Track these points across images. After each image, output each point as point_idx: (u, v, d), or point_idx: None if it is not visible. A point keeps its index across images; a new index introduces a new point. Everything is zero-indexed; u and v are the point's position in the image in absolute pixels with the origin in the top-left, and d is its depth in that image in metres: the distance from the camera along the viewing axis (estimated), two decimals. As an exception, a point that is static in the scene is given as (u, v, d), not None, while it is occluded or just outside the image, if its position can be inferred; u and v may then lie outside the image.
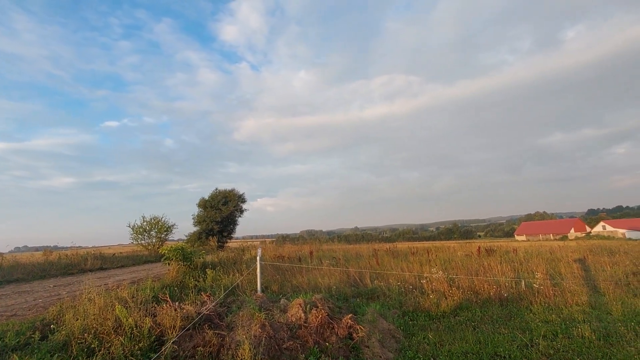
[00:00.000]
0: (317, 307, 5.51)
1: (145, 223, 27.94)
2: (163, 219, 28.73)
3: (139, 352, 4.13)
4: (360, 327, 5.24)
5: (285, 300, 6.28)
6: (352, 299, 8.06)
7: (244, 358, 4.02)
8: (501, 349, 5.10)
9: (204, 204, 33.36)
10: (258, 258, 7.60)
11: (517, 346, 5.26)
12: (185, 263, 10.75)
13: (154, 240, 27.77)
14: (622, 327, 6.08)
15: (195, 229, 32.95)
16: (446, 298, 8.03)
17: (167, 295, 5.76)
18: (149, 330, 4.53)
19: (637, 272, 11.91)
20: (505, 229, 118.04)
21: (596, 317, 6.86)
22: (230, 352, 4.28)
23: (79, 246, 27.88)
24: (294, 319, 5.27)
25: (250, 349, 4.09)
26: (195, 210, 33.64)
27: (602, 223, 79.63)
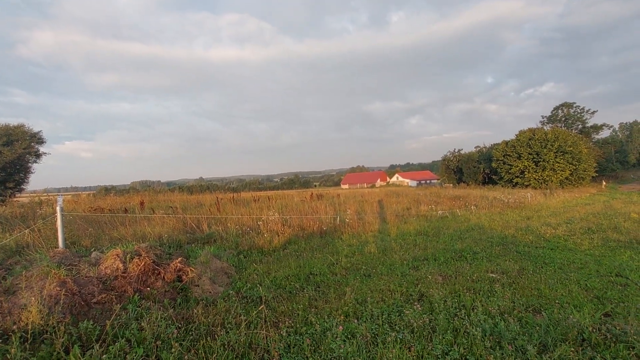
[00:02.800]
0: (141, 255, 5.04)
1: None
2: None
3: None
4: (190, 269, 5.20)
5: (99, 253, 5.41)
6: (187, 245, 7.80)
7: (32, 321, 3.29)
8: (315, 269, 6.25)
9: (-34, 144, 23.14)
10: (58, 208, 6.07)
11: (327, 265, 6.57)
12: None
13: None
14: (394, 243, 8.56)
15: (-50, 178, 22.78)
16: (279, 235, 8.97)
17: None
18: None
19: (409, 207, 16.80)
20: (335, 179, 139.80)
21: (381, 238, 9.34)
22: (10, 318, 3.40)
23: None
24: (109, 271, 4.65)
25: (40, 310, 3.37)
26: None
27: (396, 175, 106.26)
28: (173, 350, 3.15)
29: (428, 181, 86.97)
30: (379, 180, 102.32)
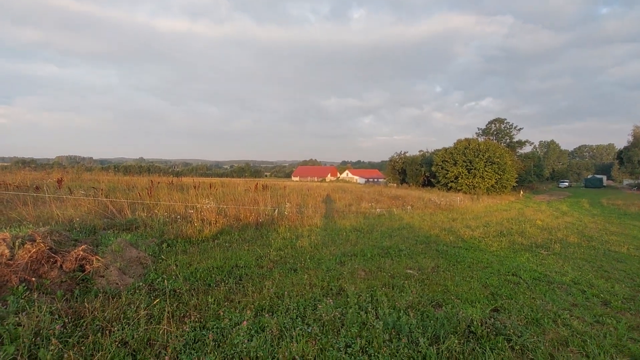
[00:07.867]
0: (35, 240, 4.45)
1: None
2: None
3: None
4: (96, 258, 4.72)
5: (-18, 236, 4.66)
6: (102, 231, 7.11)
7: None
8: (241, 261, 6.10)
9: None
10: None
11: (255, 257, 6.46)
12: None
13: None
14: (328, 238, 8.73)
15: None
16: (211, 225, 8.61)
17: None
18: None
19: (351, 204, 17.33)
20: (287, 171, 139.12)
21: (316, 233, 9.46)
22: None
23: None
24: (-11, 258, 4.02)
25: None
26: None
27: (347, 171, 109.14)
28: (52, 347, 2.83)
29: (375, 179, 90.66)
30: (329, 175, 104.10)
